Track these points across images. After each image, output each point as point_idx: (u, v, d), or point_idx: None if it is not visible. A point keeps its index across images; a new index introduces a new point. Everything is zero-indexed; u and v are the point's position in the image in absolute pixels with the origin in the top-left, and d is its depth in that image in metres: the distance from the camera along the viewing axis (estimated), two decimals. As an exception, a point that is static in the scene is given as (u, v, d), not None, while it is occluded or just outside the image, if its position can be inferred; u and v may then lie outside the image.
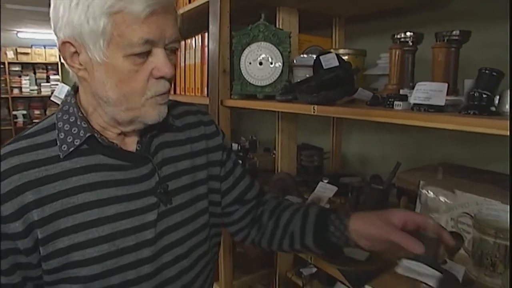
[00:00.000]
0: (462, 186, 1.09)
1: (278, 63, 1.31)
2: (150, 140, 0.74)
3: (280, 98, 1.17)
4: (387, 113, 0.79)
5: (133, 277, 0.69)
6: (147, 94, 0.65)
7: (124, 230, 0.68)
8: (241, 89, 1.36)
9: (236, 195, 0.89)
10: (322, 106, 0.95)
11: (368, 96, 1.00)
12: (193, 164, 0.80)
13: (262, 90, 1.33)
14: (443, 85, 0.74)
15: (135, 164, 0.71)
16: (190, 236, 0.77)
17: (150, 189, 0.71)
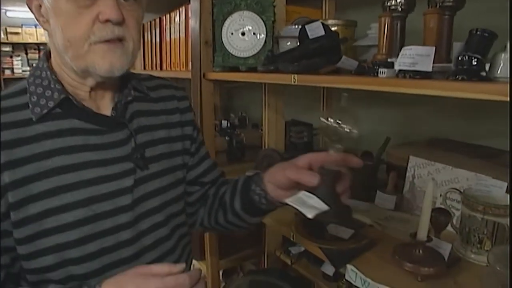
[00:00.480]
0: (453, 161, 1.04)
1: (261, 33, 1.24)
2: (125, 107, 0.74)
3: (261, 69, 1.10)
4: (370, 80, 0.73)
5: (110, 244, 0.68)
6: (91, 39, 0.63)
7: (100, 195, 0.67)
8: (223, 61, 1.28)
9: (197, 174, 0.89)
10: (303, 75, 0.88)
11: (353, 65, 0.94)
12: (169, 135, 0.81)
13: (245, 62, 1.26)
14: (430, 49, 0.68)
15: (111, 129, 0.71)
16: (168, 205, 0.77)
17: (127, 155, 0.71)
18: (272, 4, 1.24)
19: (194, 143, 0.88)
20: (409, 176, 1.13)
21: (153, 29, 2.13)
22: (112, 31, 0.63)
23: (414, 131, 1.41)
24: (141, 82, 0.80)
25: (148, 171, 0.74)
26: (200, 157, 0.90)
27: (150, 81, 0.84)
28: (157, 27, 2.06)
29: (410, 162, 1.13)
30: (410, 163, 1.13)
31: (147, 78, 0.85)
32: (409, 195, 1.12)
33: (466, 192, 0.89)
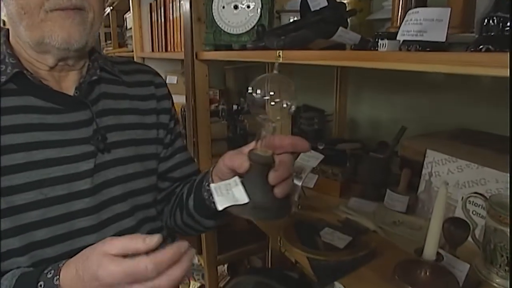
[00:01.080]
0: (479, 158, 0.85)
1: (256, 6, 1.07)
2: (91, 87, 0.70)
3: (249, 46, 0.94)
4: (365, 55, 0.56)
5: (63, 232, 0.63)
6: (45, 6, 0.58)
7: (54, 178, 0.63)
8: (214, 39, 1.13)
9: (168, 167, 0.81)
10: (289, 51, 0.72)
11: (354, 39, 0.76)
12: (141, 121, 0.76)
13: (238, 39, 1.10)
14: (443, 10, 0.50)
15: (71, 109, 0.66)
16: (134, 194, 0.72)
17: (87, 137, 0.67)
18: (269, -28, 1.07)
19: (169, 134, 0.82)
20: (425, 173, 0.95)
21: (159, 8, 2.01)
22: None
23: (438, 120, 1.21)
24: (115, 65, 0.76)
25: (112, 156, 0.69)
26: (174, 149, 0.83)
27: (127, 65, 0.81)
28: (162, 6, 1.94)
29: (427, 157, 0.95)
30: (427, 158, 0.95)
31: (125, 62, 0.82)
32: (425, 196, 0.94)
33: (493, 199, 0.71)
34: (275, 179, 0.53)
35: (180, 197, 0.80)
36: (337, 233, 0.85)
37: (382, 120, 1.58)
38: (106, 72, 0.73)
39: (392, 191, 0.98)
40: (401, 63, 0.49)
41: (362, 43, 0.77)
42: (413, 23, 0.53)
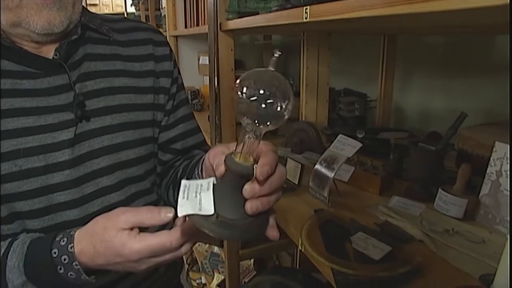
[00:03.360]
0: None
1: (288, -38, 0.91)
2: (75, 48, 0.63)
3: (275, 8, 0.78)
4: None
5: (42, 206, 0.59)
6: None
7: (29, 148, 0.58)
8: (238, 5, 0.99)
9: (169, 137, 0.74)
10: (317, 5, 0.55)
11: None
12: (135, 84, 0.68)
13: (265, 5, 0.96)
14: None
15: (49, 73, 0.60)
16: (123, 166, 0.65)
17: (67, 104, 0.60)
18: None
19: (171, 100, 0.74)
20: (491, 172, 0.75)
21: (190, -18, 1.90)
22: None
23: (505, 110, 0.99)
24: (105, 23, 0.68)
25: (98, 124, 0.63)
26: (177, 118, 0.75)
27: (120, 22, 0.73)
28: (193, -21, 1.83)
29: (495, 152, 0.75)
30: (495, 153, 0.75)
31: (119, 20, 0.73)
32: (490, 200, 0.75)
33: None
34: (249, 193, 0.43)
35: (176, 173, 0.73)
36: (373, 240, 0.68)
37: (434, 108, 1.37)
38: (92, 30, 0.65)
39: (446, 191, 0.79)
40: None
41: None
42: None
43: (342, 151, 0.88)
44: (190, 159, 0.73)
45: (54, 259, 0.51)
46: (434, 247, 0.67)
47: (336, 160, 0.87)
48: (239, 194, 0.43)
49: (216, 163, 0.48)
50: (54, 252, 0.51)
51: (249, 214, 0.43)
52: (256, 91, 0.40)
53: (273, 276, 1.23)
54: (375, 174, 0.94)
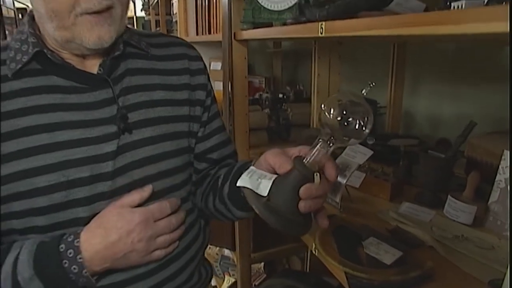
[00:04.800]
0: None
1: (301, -24, 0.94)
2: (117, 64, 0.66)
3: (290, 21, 0.82)
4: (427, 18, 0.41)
5: (85, 215, 0.61)
6: (76, 10, 0.56)
7: (76, 160, 0.61)
8: (253, 16, 1.02)
9: (206, 148, 0.77)
10: (332, 22, 0.58)
11: (417, 8, 0.61)
12: (172, 97, 0.71)
13: (279, 16, 0.98)
14: None
15: (94, 87, 0.63)
16: (161, 176, 0.67)
17: (110, 116, 0.63)
18: None
19: (206, 112, 0.77)
20: (500, 179, 0.77)
21: (203, -10, 1.93)
22: (99, 2, 0.57)
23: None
24: (143, 38, 0.72)
25: (138, 136, 0.65)
26: (212, 129, 0.78)
27: (157, 38, 0.76)
28: (206, -13, 1.86)
29: (504, 160, 0.77)
30: (504, 161, 0.77)
31: (154, 35, 0.77)
32: (498, 207, 0.77)
33: None
34: (306, 194, 0.52)
35: (215, 180, 0.75)
36: (384, 245, 0.70)
37: (444, 115, 1.38)
38: (132, 46, 0.68)
39: (455, 198, 0.81)
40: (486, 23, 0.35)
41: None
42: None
43: (353, 158, 0.91)
44: (227, 167, 0.76)
45: (60, 253, 0.56)
46: (444, 253, 0.69)
47: (348, 167, 0.90)
48: (294, 192, 0.51)
49: (279, 162, 0.55)
50: (61, 247, 0.57)
51: (301, 211, 0.51)
52: (341, 113, 0.49)
53: (284, 279, 1.26)
54: (386, 180, 0.97)
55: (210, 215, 0.78)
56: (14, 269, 0.57)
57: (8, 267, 0.57)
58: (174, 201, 0.66)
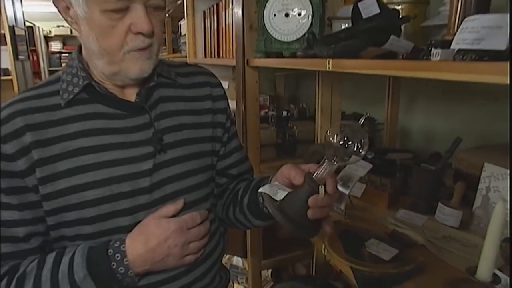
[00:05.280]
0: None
1: (307, 14, 1.08)
2: (150, 92, 0.76)
3: (300, 54, 0.95)
4: (415, 65, 0.55)
5: (127, 224, 0.70)
6: (124, 49, 0.67)
7: (119, 176, 0.70)
8: (265, 46, 1.16)
9: (227, 165, 0.87)
10: (338, 59, 0.72)
11: (406, 47, 0.75)
12: (197, 121, 0.81)
13: (288, 46, 1.12)
14: (503, 16, 0.48)
15: (132, 113, 0.73)
16: (190, 190, 0.76)
17: (147, 139, 0.73)
18: (321, -21, 1.07)
19: (226, 133, 0.86)
20: (482, 188, 0.90)
21: (212, 16, 2.08)
22: (143, 41, 0.67)
23: (500, 132, 1.14)
24: (171, 69, 0.81)
25: (170, 156, 0.75)
26: (231, 148, 0.88)
27: (183, 67, 0.86)
28: (215, 13, 2.01)
29: (484, 171, 0.90)
30: (484, 172, 0.90)
31: (180, 65, 0.87)
32: (481, 212, 0.89)
33: (558, 218, 0.66)
34: (312, 203, 0.63)
35: (235, 193, 0.84)
36: (383, 244, 0.83)
37: (436, 131, 1.51)
38: (163, 77, 0.78)
39: (445, 204, 0.94)
40: (453, 73, 0.48)
41: (414, 52, 0.75)
42: (469, 31, 0.52)
43: (355, 171, 1.03)
44: (245, 181, 0.86)
45: (109, 256, 0.66)
46: (434, 251, 0.81)
47: (351, 179, 1.02)
48: (304, 201, 0.63)
49: (293, 175, 0.67)
50: (110, 252, 0.67)
51: (309, 217, 0.63)
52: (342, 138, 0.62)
53: (293, 282, 1.37)
54: (384, 191, 1.09)
55: (229, 224, 0.88)
56: (70, 269, 0.66)
57: (64, 267, 0.66)
58: (203, 212, 0.76)
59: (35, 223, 0.69)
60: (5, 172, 0.66)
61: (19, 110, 0.68)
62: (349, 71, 0.68)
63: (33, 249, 0.69)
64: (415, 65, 0.54)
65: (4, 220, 0.67)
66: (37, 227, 0.69)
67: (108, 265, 0.66)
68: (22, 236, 0.68)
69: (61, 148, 0.68)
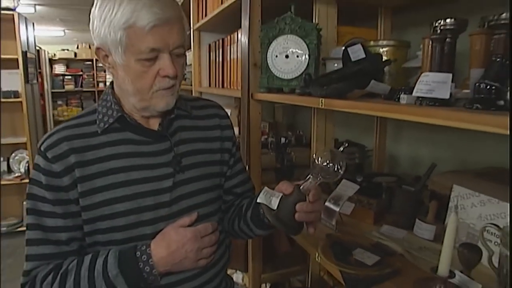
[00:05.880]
0: (501, 194, 0.96)
1: (304, 56, 1.27)
2: (171, 122, 0.91)
3: (298, 92, 1.13)
4: (386, 107, 0.72)
5: (150, 232, 0.84)
6: (153, 88, 0.82)
7: (145, 192, 0.84)
8: (267, 82, 1.34)
9: (232, 184, 1.02)
10: (330, 99, 0.90)
11: (384, 89, 0.93)
12: (209, 147, 0.96)
13: (288, 83, 1.30)
14: (446, 75, 0.66)
15: (156, 140, 0.88)
16: (202, 205, 0.91)
17: (168, 161, 0.87)
18: (315, 28, 1.27)
19: (232, 157, 1.01)
20: (451, 206, 1.06)
21: (217, 49, 2.27)
22: (168, 82, 0.82)
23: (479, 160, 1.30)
24: (187, 103, 0.96)
25: (186, 176, 0.89)
26: (237, 170, 1.03)
27: (196, 101, 1.02)
28: (220, 48, 2.20)
29: (453, 191, 1.06)
30: (453, 193, 1.06)
31: (194, 99, 1.03)
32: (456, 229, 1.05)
33: (505, 230, 0.82)
34: (299, 208, 0.80)
35: (239, 208, 0.99)
36: (368, 253, 0.98)
37: (420, 156, 1.68)
38: (181, 109, 0.93)
39: (421, 220, 1.10)
40: (412, 115, 0.65)
41: (390, 93, 0.93)
42: (424, 84, 0.69)
43: (345, 191, 1.19)
44: (248, 198, 1.01)
45: (137, 257, 0.80)
46: (411, 258, 0.97)
47: (341, 198, 1.18)
48: (292, 207, 0.80)
49: (284, 187, 0.82)
50: (137, 253, 0.80)
51: (297, 219, 0.80)
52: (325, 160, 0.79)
53: (290, 294, 1.50)
54: (370, 209, 1.25)
55: (235, 234, 1.02)
56: (104, 268, 0.79)
57: (99, 266, 0.80)
58: (214, 223, 0.90)
59: (75, 230, 0.83)
60: (53, 187, 0.81)
61: (64, 136, 0.83)
62: (338, 109, 0.86)
63: (73, 251, 0.84)
64: (386, 108, 0.71)
65: (51, 226, 0.82)
66: (76, 233, 0.84)
67: (136, 264, 0.79)
68: (64, 240, 0.82)
69: (98, 168, 0.82)
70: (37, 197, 0.82)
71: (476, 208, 1.00)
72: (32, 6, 5.11)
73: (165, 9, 0.77)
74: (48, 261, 0.82)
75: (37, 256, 0.82)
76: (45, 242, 0.82)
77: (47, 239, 0.82)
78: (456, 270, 0.79)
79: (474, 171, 1.16)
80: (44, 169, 0.81)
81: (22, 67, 3.53)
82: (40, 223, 0.82)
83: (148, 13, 0.75)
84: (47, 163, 0.81)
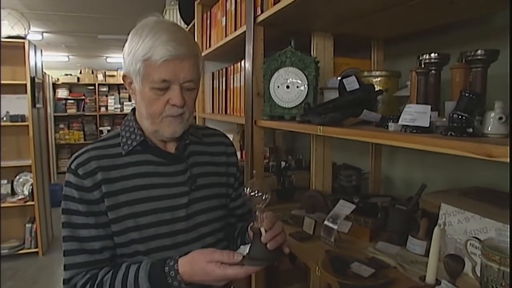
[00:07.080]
0: (483, 211, 1.06)
1: (303, 86, 1.40)
2: (185, 147, 1.02)
3: (298, 119, 1.25)
4: (375, 134, 0.83)
5: (167, 244, 0.94)
6: (163, 114, 0.93)
7: (164, 207, 0.94)
8: (270, 111, 1.46)
9: (235, 206, 1.14)
10: (327, 127, 1.01)
11: (376, 117, 1.04)
12: (217, 170, 1.08)
13: (289, 111, 1.42)
14: (426, 107, 0.77)
15: (173, 162, 0.99)
16: (212, 222, 1.02)
17: (184, 181, 0.98)
18: (314, 61, 1.40)
19: (236, 181, 1.13)
20: (440, 223, 1.16)
21: (221, 78, 2.41)
22: (176, 111, 0.92)
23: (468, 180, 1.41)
24: (198, 131, 1.09)
25: (199, 194, 1.00)
26: (238, 194, 1.14)
27: (205, 130, 1.16)
28: (224, 76, 2.34)
29: (441, 210, 1.16)
30: (441, 210, 1.16)
31: (204, 128, 1.18)
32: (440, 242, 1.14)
33: (485, 242, 0.91)
34: (264, 239, 0.86)
35: (233, 231, 1.11)
36: (364, 266, 1.06)
37: (413, 178, 1.78)
38: (194, 136, 1.05)
39: (413, 237, 1.19)
40: (397, 141, 0.76)
41: (381, 121, 1.05)
42: (408, 114, 0.81)
43: (342, 211, 1.29)
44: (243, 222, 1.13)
45: (166, 273, 0.86)
46: (403, 271, 1.06)
47: (339, 216, 1.28)
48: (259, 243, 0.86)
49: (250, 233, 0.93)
50: (166, 269, 0.87)
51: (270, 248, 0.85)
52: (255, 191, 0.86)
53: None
54: (366, 227, 1.34)
55: None
56: (136, 281, 0.87)
57: (131, 279, 0.88)
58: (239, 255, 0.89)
59: (106, 239, 0.92)
60: (85, 200, 0.90)
61: (92, 156, 0.93)
62: (335, 136, 0.97)
63: (105, 260, 0.92)
64: (375, 135, 0.82)
65: (85, 236, 0.91)
66: (108, 242, 0.93)
67: (165, 279, 0.86)
68: (97, 249, 0.91)
69: (122, 185, 0.92)
70: (71, 211, 0.91)
71: (461, 224, 1.09)
72: (40, 33, 5.32)
73: (179, 46, 0.87)
74: (84, 269, 0.91)
75: (74, 265, 0.91)
76: (80, 252, 0.91)
77: (82, 248, 0.91)
78: (443, 279, 0.88)
79: (460, 190, 1.27)
80: (76, 185, 0.91)
81: (30, 92, 3.67)
82: (75, 235, 0.91)
83: (162, 49, 0.86)
84: (78, 179, 0.91)
